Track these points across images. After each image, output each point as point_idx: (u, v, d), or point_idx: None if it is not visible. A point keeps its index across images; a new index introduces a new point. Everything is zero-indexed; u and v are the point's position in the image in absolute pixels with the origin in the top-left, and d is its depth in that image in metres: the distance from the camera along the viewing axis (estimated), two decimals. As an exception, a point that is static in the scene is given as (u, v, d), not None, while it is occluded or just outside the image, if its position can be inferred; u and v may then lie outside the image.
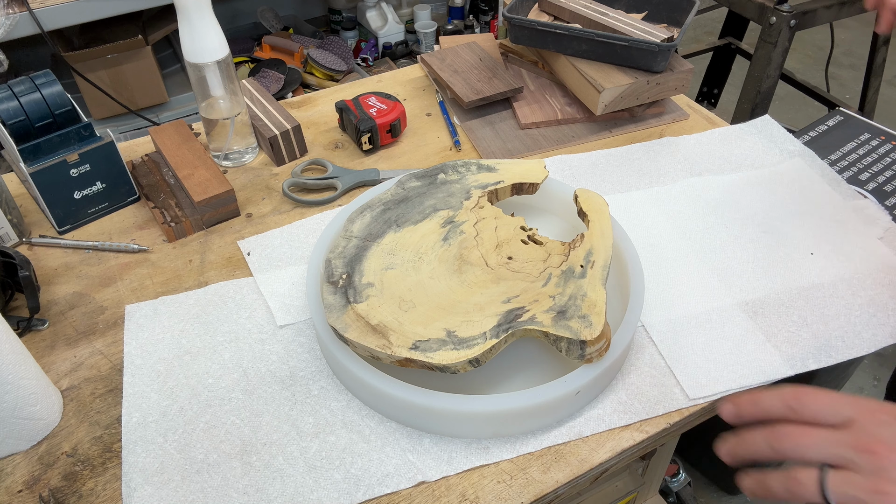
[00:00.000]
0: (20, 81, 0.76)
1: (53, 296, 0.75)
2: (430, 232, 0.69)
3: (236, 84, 0.87)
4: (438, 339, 0.58)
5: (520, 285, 0.63)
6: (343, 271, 0.64)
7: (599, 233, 0.68)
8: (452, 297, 0.62)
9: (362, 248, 0.67)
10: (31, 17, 1.40)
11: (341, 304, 0.61)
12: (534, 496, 0.57)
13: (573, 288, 0.62)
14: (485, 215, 0.71)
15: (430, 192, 0.74)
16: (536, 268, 0.65)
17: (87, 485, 0.58)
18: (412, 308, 0.61)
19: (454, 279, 0.64)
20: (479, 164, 0.78)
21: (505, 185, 0.75)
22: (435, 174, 0.76)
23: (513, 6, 1.03)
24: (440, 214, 0.71)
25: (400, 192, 0.74)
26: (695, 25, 3.13)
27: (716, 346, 0.68)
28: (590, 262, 0.65)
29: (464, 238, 0.68)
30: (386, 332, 0.58)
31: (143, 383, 0.65)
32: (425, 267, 0.65)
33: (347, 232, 0.69)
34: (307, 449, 0.60)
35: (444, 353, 0.56)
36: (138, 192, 0.87)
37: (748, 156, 0.94)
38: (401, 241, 0.68)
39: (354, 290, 0.62)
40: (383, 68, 2.14)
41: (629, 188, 0.88)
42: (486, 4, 2.30)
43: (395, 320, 0.60)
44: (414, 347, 0.57)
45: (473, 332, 0.58)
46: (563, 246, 0.68)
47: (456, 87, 1.00)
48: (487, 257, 0.67)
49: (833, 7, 1.51)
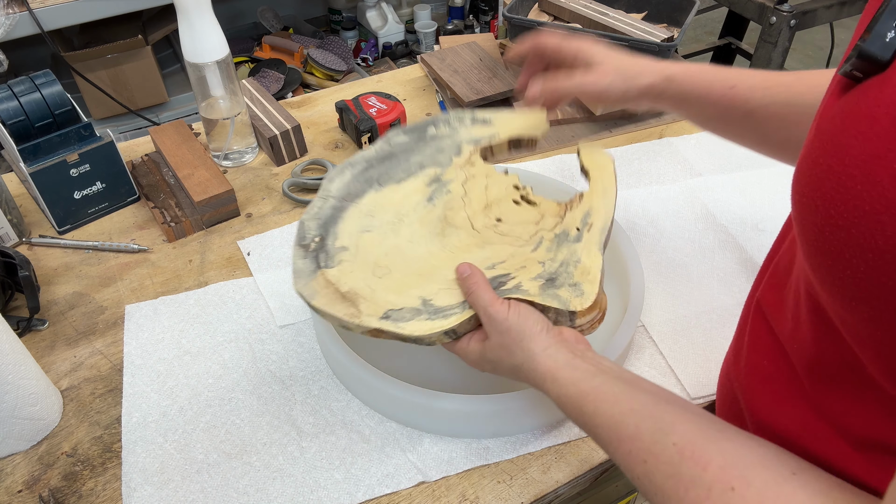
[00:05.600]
0: (20, 81, 0.76)
1: (53, 296, 0.74)
2: (413, 191, 0.63)
3: (236, 84, 0.87)
4: (412, 307, 0.54)
5: (507, 250, 0.59)
6: (316, 234, 0.59)
7: (601, 191, 0.62)
8: (432, 263, 0.58)
9: (339, 208, 0.62)
10: (31, 17, 1.40)
11: (311, 269, 0.57)
12: (534, 496, 0.57)
13: (566, 253, 0.57)
14: (475, 173, 0.65)
15: (418, 147, 0.67)
16: (527, 231, 0.60)
17: (87, 485, 0.58)
18: (387, 274, 0.57)
19: (435, 243, 0.60)
20: (473, 117, 0.70)
21: (500, 139, 0.67)
22: (424, 128, 0.69)
23: (513, 6, 1.03)
24: (427, 172, 0.65)
25: (385, 148, 0.67)
26: (695, 25, 3.13)
27: (716, 345, 0.68)
28: (587, 225, 0.59)
29: (450, 198, 0.63)
30: (356, 300, 0.54)
31: (143, 383, 0.65)
32: (405, 229, 0.60)
33: (325, 192, 0.63)
34: (307, 449, 0.60)
35: (417, 323, 0.52)
36: (138, 192, 0.87)
37: (748, 156, 0.93)
38: (381, 202, 0.62)
39: (327, 254, 0.58)
40: (383, 68, 2.14)
41: (629, 188, 0.88)
42: (486, 4, 2.30)
43: (367, 287, 0.55)
44: (385, 317, 0.53)
45: (451, 300, 0.54)
46: (559, 206, 0.63)
47: (456, 87, 1.00)
48: (474, 219, 0.62)
49: (833, 7, 1.51)
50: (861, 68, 0.31)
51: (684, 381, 0.64)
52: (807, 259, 0.35)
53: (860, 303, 0.31)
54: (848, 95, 0.32)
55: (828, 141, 0.32)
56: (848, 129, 0.31)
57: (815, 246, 0.33)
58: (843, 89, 0.33)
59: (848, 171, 0.30)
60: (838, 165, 0.31)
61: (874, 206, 0.29)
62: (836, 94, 0.34)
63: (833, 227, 0.31)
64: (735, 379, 0.50)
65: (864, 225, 0.29)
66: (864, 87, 0.31)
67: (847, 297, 0.32)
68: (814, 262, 0.34)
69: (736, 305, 0.72)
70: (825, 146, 0.32)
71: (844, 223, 0.30)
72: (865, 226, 0.29)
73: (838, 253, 0.31)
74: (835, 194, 0.31)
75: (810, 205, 0.33)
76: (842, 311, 0.33)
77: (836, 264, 0.31)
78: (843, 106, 0.32)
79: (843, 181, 0.30)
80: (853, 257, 0.30)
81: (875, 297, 0.30)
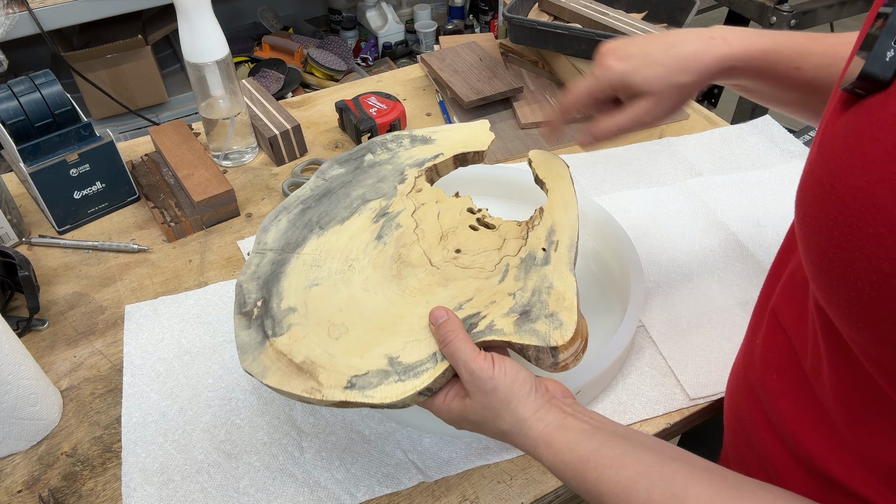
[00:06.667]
0: (20, 81, 0.76)
1: (53, 296, 0.74)
2: (360, 231, 0.57)
3: (236, 84, 0.87)
4: (379, 370, 0.48)
5: (472, 284, 0.53)
6: (258, 297, 0.52)
7: (561, 204, 0.58)
8: (393, 313, 0.52)
9: (280, 262, 0.55)
10: (31, 17, 1.40)
11: (257, 340, 0.50)
12: (534, 496, 0.57)
13: (536, 280, 0.52)
14: (424, 200, 0.60)
15: (357, 179, 0.61)
16: (490, 259, 0.55)
17: (86, 485, 0.58)
18: (345, 333, 0.50)
19: (392, 288, 0.53)
20: (412, 137, 0.65)
21: (445, 157, 0.63)
22: (361, 155, 0.64)
23: (513, 6, 1.03)
24: (370, 206, 0.59)
25: (321, 184, 0.61)
26: (695, 25, 3.12)
27: (716, 346, 0.68)
28: (553, 244, 0.55)
29: (401, 233, 0.57)
30: (314, 371, 0.48)
31: (143, 383, 0.65)
32: (357, 277, 0.54)
33: (260, 245, 0.56)
34: (307, 449, 0.60)
35: (386, 387, 0.47)
36: (138, 192, 0.87)
37: (748, 156, 0.94)
38: (326, 248, 0.56)
39: (273, 319, 0.51)
40: (383, 68, 2.14)
41: (629, 188, 0.88)
42: (486, 4, 2.30)
43: (324, 353, 0.49)
44: (349, 386, 0.47)
45: (420, 354, 0.48)
46: (520, 227, 0.58)
47: (456, 87, 1.00)
48: (431, 254, 0.56)
49: (833, 7, 1.51)
50: (863, 87, 0.31)
51: (684, 382, 0.64)
52: (812, 279, 0.34)
53: (867, 324, 0.30)
54: (850, 113, 0.32)
55: (831, 160, 0.32)
56: (851, 150, 0.31)
57: (820, 266, 0.32)
58: (844, 105, 0.33)
59: (851, 192, 0.30)
60: (841, 187, 0.30)
61: (878, 229, 0.28)
62: (839, 111, 0.33)
63: (837, 248, 0.31)
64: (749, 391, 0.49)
65: (869, 248, 0.29)
66: (866, 106, 0.31)
67: (854, 319, 0.31)
68: (819, 282, 0.33)
69: (736, 305, 0.72)
70: (828, 165, 0.32)
71: (848, 245, 0.30)
72: (870, 248, 0.29)
73: (843, 275, 0.30)
74: (838, 216, 0.30)
75: (814, 224, 0.32)
76: (849, 330, 0.32)
77: (842, 286, 0.31)
78: (846, 124, 0.32)
79: (847, 203, 0.30)
80: (858, 279, 0.30)
81: (881, 320, 0.29)
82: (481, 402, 0.46)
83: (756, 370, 0.48)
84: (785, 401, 0.44)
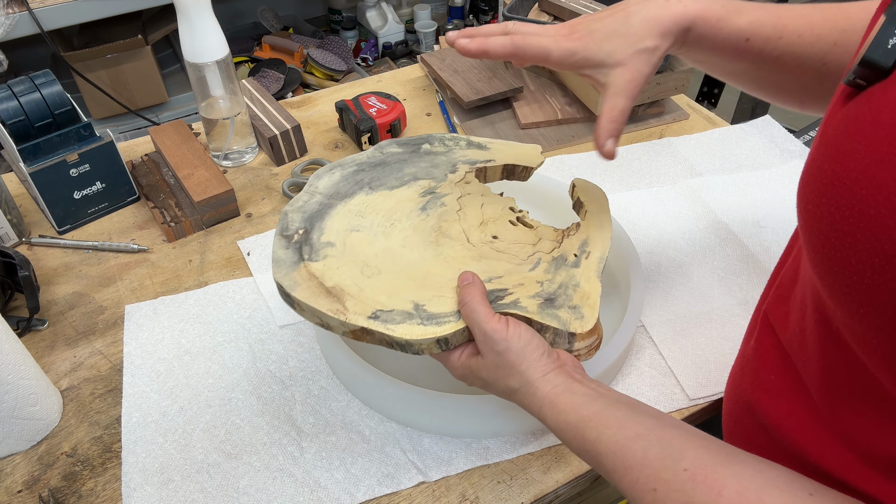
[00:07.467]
0: (20, 81, 0.76)
1: (53, 296, 0.74)
2: (407, 199, 0.60)
3: (236, 84, 0.87)
4: (404, 311, 0.50)
5: (504, 266, 0.56)
6: (300, 226, 0.56)
7: (598, 225, 0.60)
8: (425, 269, 0.54)
9: (326, 205, 0.59)
10: (31, 17, 1.40)
11: (293, 259, 0.53)
12: (534, 496, 0.57)
13: (564, 276, 0.55)
14: (470, 191, 0.63)
15: (412, 160, 0.65)
16: (524, 251, 0.58)
17: (86, 485, 0.58)
18: (377, 274, 0.53)
19: (429, 251, 0.56)
20: (468, 140, 0.69)
21: (496, 164, 0.66)
22: (419, 143, 0.67)
23: (513, 6, 1.03)
24: (420, 183, 0.62)
25: (378, 155, 0.65)
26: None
27: (716, 346, 0.68)
28: (585, 252, 0.57)
29: (444, 210, 0.60)
30: (342, 296, 0.51)
31: (143, 383, 0.65)
32: (397, 234, 0.57)
33: (311, 187, 0.60)
34: (307, 449, 0.60)
35: (408, 326, 0.49)
36: (138, 192, 0.87)
37: (748, 156, 0.94)
38: (372, 204, 0.59)
39: (311, 247, 0.55)
40: (383, 68, 2.14)
41: (629, 188, 0.88)
42: (486, 4, 2.30)
43: (354, 285, 0.52)
44: (374, 317, 0.49)
45: (446, 308, 0.51)
46: (556, 233, 0.61)
47: (456, 87, 1.00)
48: (469, 233, 0.59)
49: (833, 7, 1.51)
50: (864, 76, 0.31)
51: (684, 382, 0.64)
52: (814, 268, 0.34)
53: (868, 310, 0.31)
54: (852, 103, 0.32)
55: (833, 147, 0.32)
56: (852, 135, 0.31)
57: (822, 253, 0.32)
58: (847, 97, 0.33)
59: (853, 176, 0.30)
60: (843, 171, 0.31)
61: (879, 210, 0.29)
62: (841, 102, 0.34)
63: (839, 233, 0.31)
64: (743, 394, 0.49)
65: (871, 230, 0.29)
66: (867, 94, 0.31)
67: (855, 305, 0.31)
68: (821, 270, 0.33)
69: (736, 305, 0.72)
70: (830, 152, 0.32)
71: (850, 229, 0.30)
72: (871, 231, 0.29)
73: (845, 260, 0.31)
74: (840, 200, 0.31)
75: (816, 212, 0.33)
76: (849, 320, 0.33)
77: (844, 271, 0.31)
78: (848, 113, 0.32)
79: (849, 186, 0.30)
80: (860, 263, 0.30)
81: (883, 304, 0.30)
82: (493, 361, 0.48)
83: (749, 373, 0.49)
84: (779, 402, 0.44)
